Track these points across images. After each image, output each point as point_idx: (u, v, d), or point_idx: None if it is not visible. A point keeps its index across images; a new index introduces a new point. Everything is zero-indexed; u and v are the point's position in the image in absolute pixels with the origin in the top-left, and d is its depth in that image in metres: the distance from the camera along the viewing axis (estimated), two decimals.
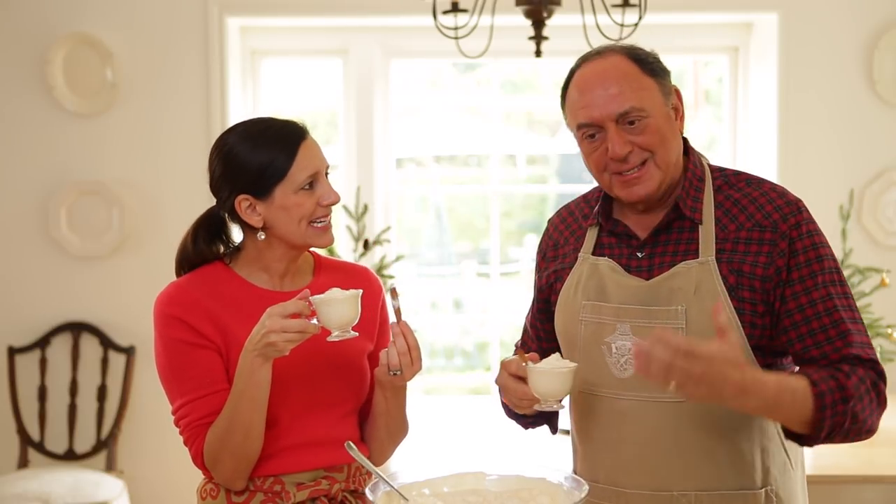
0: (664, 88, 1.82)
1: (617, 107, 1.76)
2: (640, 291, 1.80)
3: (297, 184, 1.83)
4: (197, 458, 1.85)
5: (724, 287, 1.76)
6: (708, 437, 1.77)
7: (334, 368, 1.90)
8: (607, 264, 1.86)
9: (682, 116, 1.85)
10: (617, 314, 1.81)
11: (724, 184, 1.87)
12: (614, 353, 1.81)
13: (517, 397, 1.79)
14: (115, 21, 4.11)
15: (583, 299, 1.86)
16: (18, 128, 4.15)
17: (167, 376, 1.86)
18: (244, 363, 1.77)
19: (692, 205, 1.83)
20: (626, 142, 1.77)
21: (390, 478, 1.71)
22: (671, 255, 1.81)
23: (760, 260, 1.77)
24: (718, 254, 1.78)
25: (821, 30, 4.16)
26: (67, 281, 4.18)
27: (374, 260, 4.05)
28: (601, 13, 3.14)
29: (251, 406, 1.78)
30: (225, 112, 4.14)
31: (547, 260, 2.00)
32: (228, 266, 1.93)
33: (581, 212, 1.99)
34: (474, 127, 5.02)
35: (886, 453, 3.16)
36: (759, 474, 1.79)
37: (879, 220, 4.18)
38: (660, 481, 1.78)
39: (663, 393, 1.73)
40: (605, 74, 1.79)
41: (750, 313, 1.76)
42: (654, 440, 1.78)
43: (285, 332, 1.71)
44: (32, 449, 4.12)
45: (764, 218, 1.80)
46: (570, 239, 1.97)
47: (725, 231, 1.81)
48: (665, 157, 1.80)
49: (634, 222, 1.87)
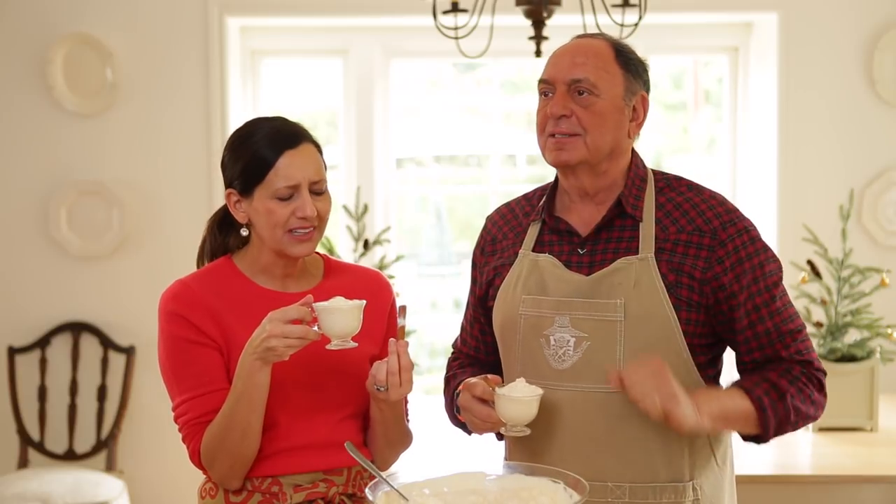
0: (629, 85, 1.87)
1: (572, 73, 1.85)
2: (580, 286, 1.85)
3: (274, 191, 1.82)
4: (194, 456, 1.86)
5: (663, 283, 1.81)
6: (641, 429, 1.82)
7: (336, 373, 1.89)
8: (548, 260, 1.90)
9: (640, 124, 1.91)
10: (557, 307, 1.86)
11: (666, 186, 1.92)
12: (553, 345, 1.85)
13: (480, 419, 1.82)
14: (115, 21, 4.11)
15: (523, 294, 1.90)
16: (18, 128, 4.15)
17: (168, 373, 1.87)
18: (244, 365, 1.77)
19: (634, 202, 1.88)
20: (566, 106, 1.85)
21: (390, 478, 1.70)
22: (612, 252, 1.86)
23: (699, 264, 1.83)
24: (658, 253, 1.84)
25: (821, 30, 4.16)
26: (67, 281, 4.18)
27: (374, 260, 4.05)
28: (601, 13, 3.14)
29: (249, 407, 1.78)
30: (225, 112, 4.14)
31: (485, 255, 2.03)
32: (234, 263, 1.93)
33: (522, 209, 2.03)
34: (474, 127, 5.02)
35: (886, 453, 3.16)
36: (687, 468, 1.85)
37: (879, 220, 4.18)
38: (595, 472, 1.82)
39: (599, 385, 1.81)
40: (580, 47, 1.89)
41: (686, 310, 1.82)
42: (589, 431, 1.83)
43: (286, 338, 1.71)
44: (32, 449, 4.12)
45: (704, 223, 1.85)
46: (510, 234, 2.00)
47: (666, 232, 1.86)
48: (596, 141, 1.85)
49: (576, 220, 1.92)
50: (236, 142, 1.88)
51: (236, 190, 1.87)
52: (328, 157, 1.94)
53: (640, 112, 1.90)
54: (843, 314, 3.45)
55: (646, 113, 1.91)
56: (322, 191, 1.87)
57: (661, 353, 1.80)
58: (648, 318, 1.81)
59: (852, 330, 3.45)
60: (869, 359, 3.38)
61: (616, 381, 1.72)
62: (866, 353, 3.39)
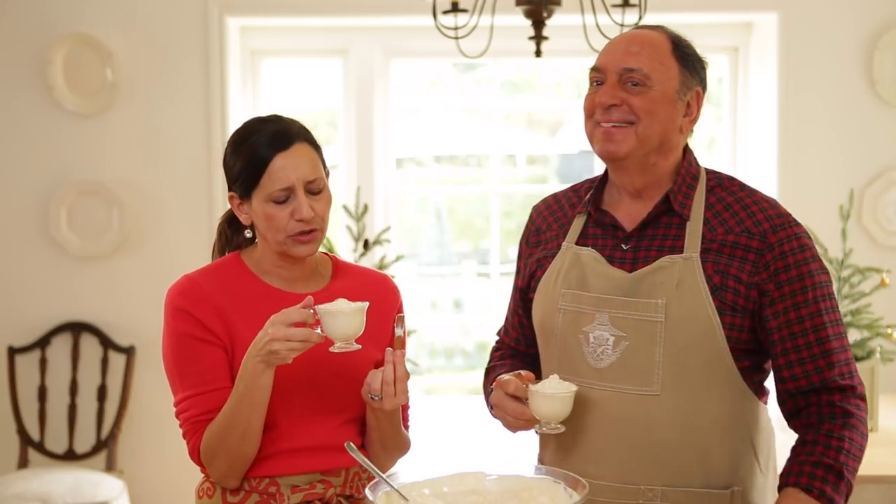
0: (684, 79, 1.83)
1: (626, 61, 1.80)
2: (622, 283, 1.81)
3: (269, 194, 1.82)
4: (193, 453, 1.86)
5: (708, 285, 1.76)
6: (677, 433, 1.78)
7: (338, 376, 1.89)
8: (590, 254, 1.86)
9: (693, 120, 1.86)
10: (597, 304, 1.82)
11: (718, 186, 1.87)
12: (591, 342, 1.82)
13: (514, 416, 1.80)
14: (115, 21, 4.11)
15: (563, 288, 1.87)
16: (18, 128, 4.15)
17: (172, 368, 1.86)
18: (246, 367, 1.77)
19: (682, 200, 1.83)
20: (616, 95, 1.80)
21: (390, 478, 1.70)
22: (656, 250, 1.82)
23: (746, 267, 1.77)
24: (704, 253, 1.79)
25: (821, 30, 4.16)
26: (67, 281, 4.18)
27: (374, 260, 4.05)
28: (601, 13, 3.14)
29: (251, 409, 1.78)
30: (225, 112, 4.14)
31: (530, 246, 2.00)
32: (243, 260, 1.92)
33: (568, 201, 1.99)
34: (474, 127, 5.02)
35: (886, 453, 3.16)
36: (726, 474, 1.80)
37: (879, 220, 4.18)
38: (627, 474, 1.79)
39: (636, 386, 1.78)
40: (636, 37, 1.84)
41: (730, 314, 1.77)
42: (624, 432, 1.79)
43: (288, 341, 1.70)
44: (32, 449, 4.12)
45: (754, 225, 1.80)
46: (554, 226, 1.97)
47: (714, 232, 1.81)
48: (647, 131, 1.80)
49: (623, 214, 1.88)
50: (234, 144, 1.88)
51: (237, 193, 1.87)
52: (328, 158, 1.92)
53: (693, 108, 1.85)
54: (843, 314, 3.45)
55: (699, 110, 1.87)
56: (319, 189, 1.85)
57: (703, 356, 1.76)
58: (690, 320, 1.75)
59: (852, 330, 3.44)
60: (869, 359, 3.37)
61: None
62: (866, 353, 3.39)
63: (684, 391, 1.77)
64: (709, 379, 1.78)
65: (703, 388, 1.78)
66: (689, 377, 1.77)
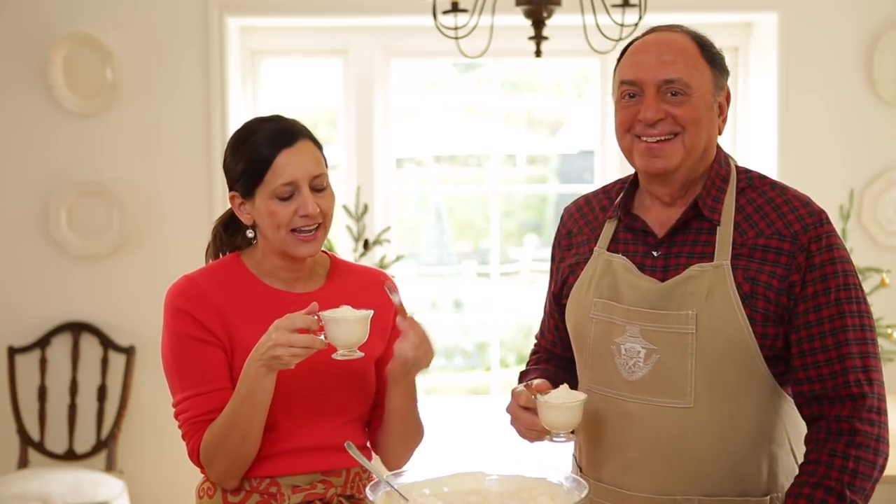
0: (717, 80, 1.80)
1: (665, 73, 1.76)
2: (651, 294, 1.78)
3: (273, 190, 1.81)
4: (193, 454, 1.86)
5: (738, 294, 1.73)
6: (712, 443, 1.75)
7: (339, 378, 1.88)
8: (621, 262, 1.83)
9: (725, 119, 1.84)
10: (627, 316, 1.79)
11: (748, 186, 1.83)
12: (623, 354, 1.79)
13: (525, 427, 1.79)
14: (115, 21, 4.11)
15: (595, 297, 1.84)
16: (18, 128, 4.15)
17: (171, 369, 1.86)
18: (249, 370, 1.76)
19: (712, 205, 1.79)
20: (660, 109, 1.75)
21: (390, 478, 1.70)
22: (686, 257, 1.78)
23: (778, 272, 1.73)
24: (735, 259, 1.75)
25: (821, 30, 4.16)
26: (67, 281, 4.18)
27: (374, 260, 4.05)
28: (601, 13, 3.14)
29: (252, 411, 1.77)
30: (225, 112, 4.14)
31: (562, 249, 1.98)
32: (242, 261, 1.92)
33: (599, 203, 1.96)
34: (474, 127, 5.02)
35: None
36: (763, 481, 1.77)
37: (879, 220, 4.18)
38: (663, 485, 1.77)
39: (669, 399, 1.75)
40: (665, 43, 1.80)
41: (762, 324, 1.73)
42: (659, 444, 1.77)
43: (291, 347, 1.70)
44: (32, 449, 4.12)
45: (784, 227, 1.75)
46: (585, 229, 1.94)
47: (744, 236, 1.77)
48: (694, 140, 1.77)
49: (653, 219, 1.84)
50: (235, 144, 1.87)
51: (239, 192, 1.87)
52: (328, 158, 1.92)
53: (724, 107, 1.83)
54: None
55: (728, 107, 1.85)
56: (323, 187, 1.85)
57: (736, 366, 1.73)
58: (721, 331, 1.72)
59: None
60: None
61: None
62: None
63: (718, 403, 1.75)
64: (743, 388, 1.75)
65: (737, 397, 1.75)
66: (722, 388, 1.74)
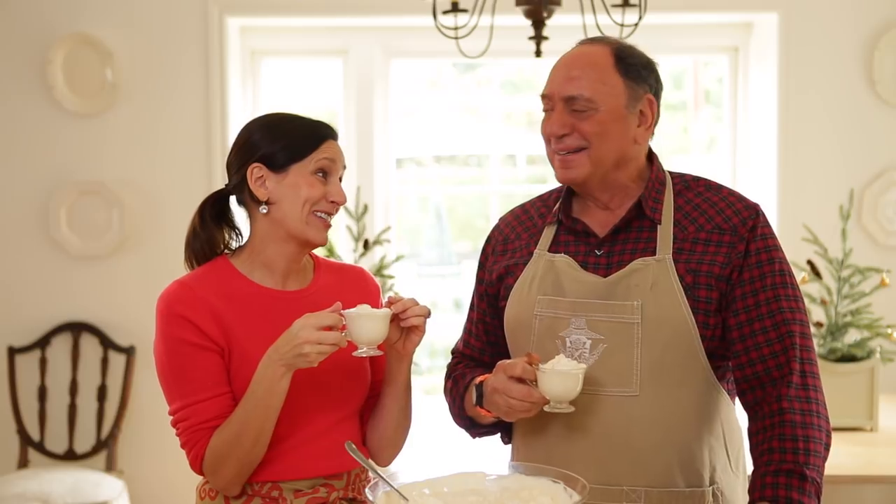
0: (632, 92, 1.85)
1: (567, 89, 1.83)
2: (597, 287, 1.83)
3: (317, 164, 1.85)
4: (196, 462, 1.83)
5: (681, 285, 1.79)
6: (657, 432, 1.79)
7: (336, 372, 1.88)
8: (564, 261, 1.88)
9: (651, 126, 1.89)
10: (573, 308, 1.83)
11: (685, 188, 1.91)
12: (568, 347, 1.83)
13: (519, 398, 1.76)
14: (115, 21, 4.11)
15: (538, 294, 1.88)
16: (18, 128, 4.15)
17: (167, 376, 1.84)
18: (266, 372, 1.75)
19: (653, 205, 1.86)
20: (564, 123, 1.83)
21: (390, 478, 1.70)
22: (629, 254, 1.84)
23: (718, 259, 1.80)
24: (676, 254, 1.82)
25: (821, 30, 4.16)
26: (67, 281, 4.18)
27: (374, 260, 4.05)
28: (601, 13, 3.14)
29: (265, 414, 1.76)
30: (225, 112, 4.14)
31: (495, 254, 2.01)
32: (231, 263, 1.91)
33: (537, 211, 2.01)
34: (474, 127, 5.02)
35: (886, 453, 3.16)
36: (706, 472, 1.82)
37: (879, 220, 4.18)
38: (610, 475, 1.80)
39: (616, 388, 1.80)
40: (577, 59, 1.86)
41: (704, 313, 1.79)
42: (606, 434, 1.81)
43: (319, 344, 1.70)
44: (32, 449, 4.12)
45: (724, 221, 1.84)
46: (523, 235, 1.98)
47: (684, 232, 1.84)
48: (599, 153, 1.83)
49: (594, 221, 1.90)
50: (270, 124, 1.88)
51: (266, 165, 1.85)
52: None
53: (647, 115, 1.87)
54: (843, 314, 3.45)
55: (654, 115, 1.89)
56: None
57: (679, 355, 1.78)
58: (666, 320, 1.78)
59: (852, 330, 3.45)
60: (869, 359, 3.37)
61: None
62: (866, 353, 3.39)
63: (663, 391, 1.79)
64: (685, 378, 1.80)
65: (679, 386, 1.80)
66: (665, 377, 1.79)
